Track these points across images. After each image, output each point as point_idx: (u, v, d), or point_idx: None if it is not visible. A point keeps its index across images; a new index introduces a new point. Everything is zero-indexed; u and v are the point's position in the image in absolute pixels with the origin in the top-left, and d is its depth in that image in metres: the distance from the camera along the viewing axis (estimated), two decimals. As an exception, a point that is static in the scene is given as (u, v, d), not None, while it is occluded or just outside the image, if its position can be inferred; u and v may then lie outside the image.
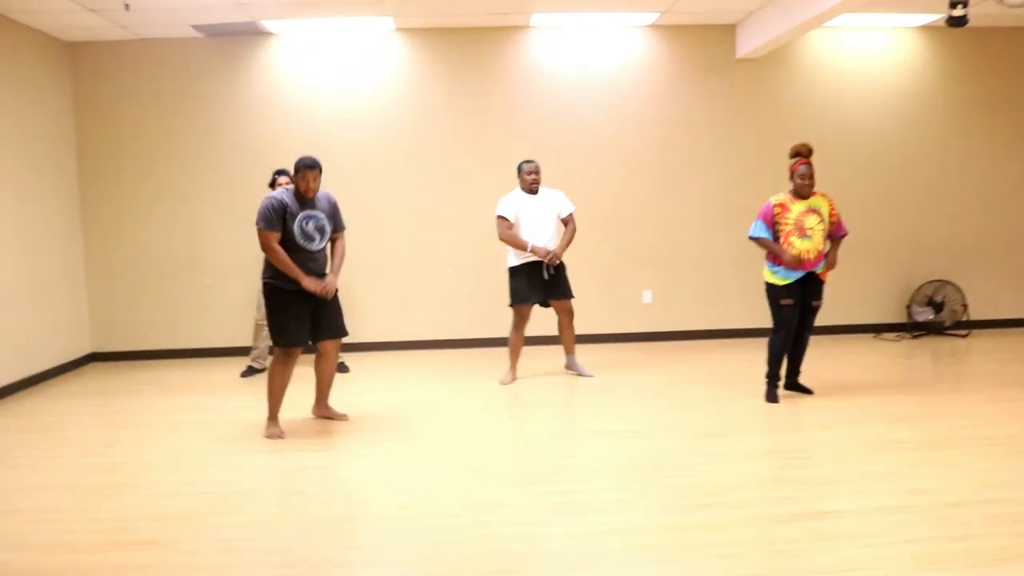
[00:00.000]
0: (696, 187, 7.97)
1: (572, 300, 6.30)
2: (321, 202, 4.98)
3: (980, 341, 7.71)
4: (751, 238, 5.56)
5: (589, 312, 7.67)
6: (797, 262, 5.32)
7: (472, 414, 5.39)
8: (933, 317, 8.00)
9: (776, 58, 7.87)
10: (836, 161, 7.85)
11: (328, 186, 5.27)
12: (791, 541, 3.19)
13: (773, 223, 5.42)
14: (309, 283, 4.79)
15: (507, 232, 6.16)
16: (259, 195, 7.36)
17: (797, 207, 5.38)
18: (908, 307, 8.12)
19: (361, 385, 6.34)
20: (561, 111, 7.79)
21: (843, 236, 5.52)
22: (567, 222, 6.31)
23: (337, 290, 5.05)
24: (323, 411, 5.31)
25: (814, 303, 5.51)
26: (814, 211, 5.36)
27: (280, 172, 6.47)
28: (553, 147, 7.72)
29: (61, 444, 4.93)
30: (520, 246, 6.12)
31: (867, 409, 5.21)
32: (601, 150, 7.82)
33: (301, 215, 4.84)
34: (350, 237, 5.37)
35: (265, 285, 4.93)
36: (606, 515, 3.54)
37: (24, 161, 6.69)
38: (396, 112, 7.70)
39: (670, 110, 7.89)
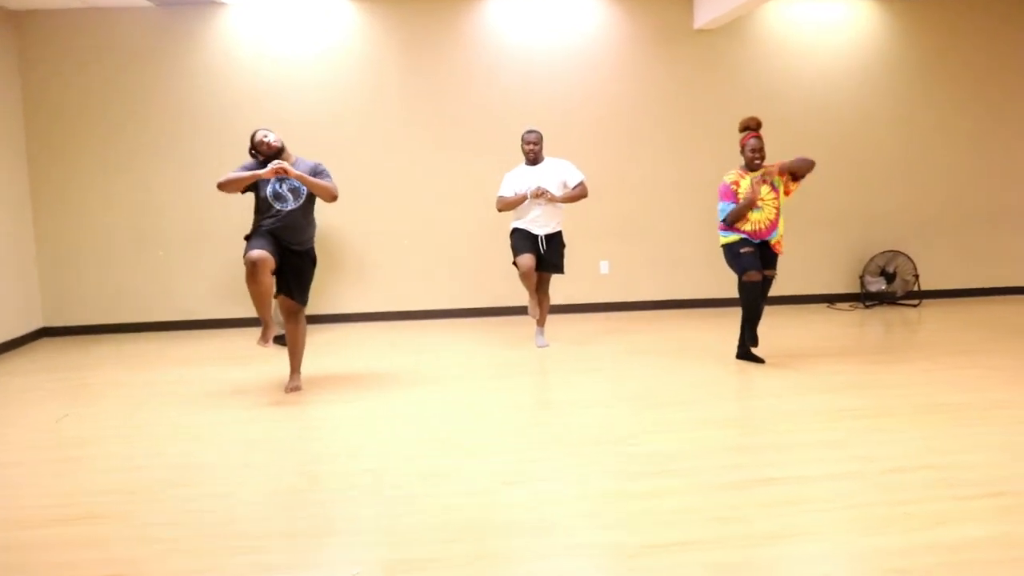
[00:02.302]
0: (653, 157, 8.01)
1: (556, 276, 6.40)
2: (300, 166, 5.08)
3: (930, 311, 7.87)
4: (723, 223, 5.59)
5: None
6: (751, 204, 5.42)
7: (434, 385, 5.41)
8: (885, 287, 8.16)
9: (734, 29, 7.91)
10: (793, 133, 7.93)
11: (298, 154, 5.26)
12: (733, 507, 3.27)
13: (735, 198, 5.49)
14: (257, 172, 4.93)
15: (500, 201, 6.23)
16: (215, 165, 7.33)
17: (747, 181, 5.49)
18: (861, 277, 8.26)
19: (338, 357, 6.32)
20: (517, 82, 7.76)
21: (808, 164, 5.51)
22: (577, 189, 6.26)
23: (313, 263, 5.22)
24: (290, 382, 5.32)
25: (768, 273, 5.60)
26: (765, 181, 5.46)
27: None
28: (508, 118, 7.69)
29: (10, 421, 4.86)
30: (516, 201, 6.15)
31: (820, 378, 5.31)
32: (556, 120, 7.81)
33: (273, 179, 4.95)
34: (320, 208, 5.38)
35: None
36: (553, 484, 3.59)
37: None
38: (353, 81, 7.61)
39: (627, 81, 7.90)
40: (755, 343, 5.74)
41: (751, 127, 5.48)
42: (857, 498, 3.34)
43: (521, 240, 6.21)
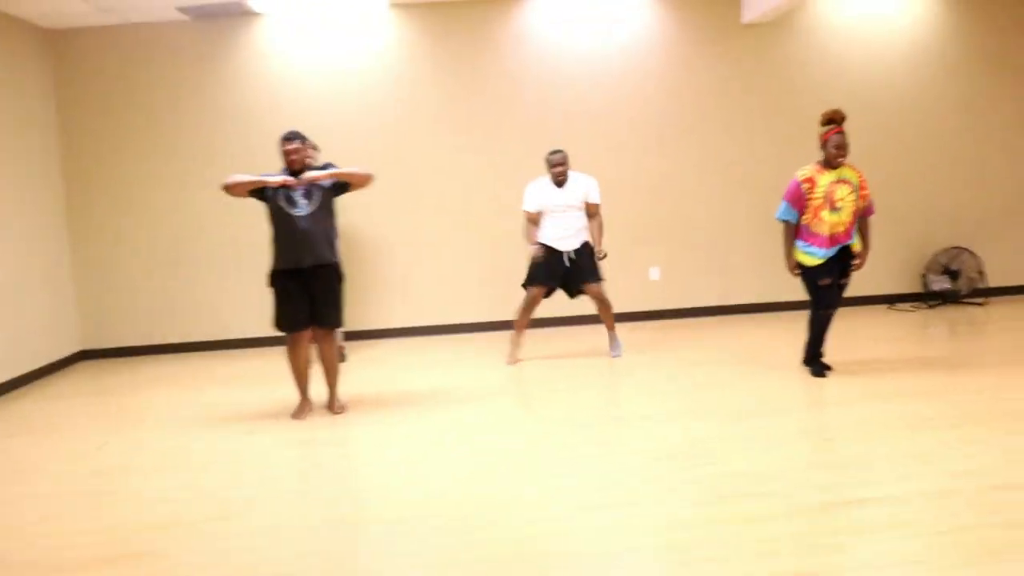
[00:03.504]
0: (702, 158, 7.71)
1: (601, 284, 6.10)
2: (311, 168, 4.90)
3: (998, 309, 7.47)
4: (779, 220, 5.27)
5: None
6: (795, 271, 5.22)
7: (484, 401, 5.16)
8: (949, 286, 7.77)
9: (783, 22, 7.59)
10: (847, 127, 7.59)
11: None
12: (832, 533, 2.97)
13: (802, 201, 5.11)
14: (270, 179, 4.75)
15: (527, 228, 6.11)
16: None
17: (826, 178, 5.06)
18: (923, 276, 7.89)
19: (365, 375, 6.11)
20: (562, 84, 7.51)
21: (870, 215, 5.25)
22: (592, 213, 6.09)
23: (340, 279, 4.97)
24: (331, 404, 5.12)
25: (842, 281, 5.25)
26: (844, 181, 5.06)
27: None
28: (554, 121, 7.46)
29: (49, 449, 4.69)
30: (531, 238, 6.08)
31: (891, 384, 4.98)
32: (604, 123, 7.55)
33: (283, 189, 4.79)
34: (349, 220, 5.15)
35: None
36: (633, 509, 3.31)
37: (5, 154, 6.42)
38: (392, 91, 7.41)
39: (675, 80, 7.61)
40: (822, 352, 5.42)
41: (836, 120, 5.03)
42: (961, 519, 3.03)
43: (539, 269, 6.02)
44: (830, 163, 5.08)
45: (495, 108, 7.47)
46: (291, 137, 4.75)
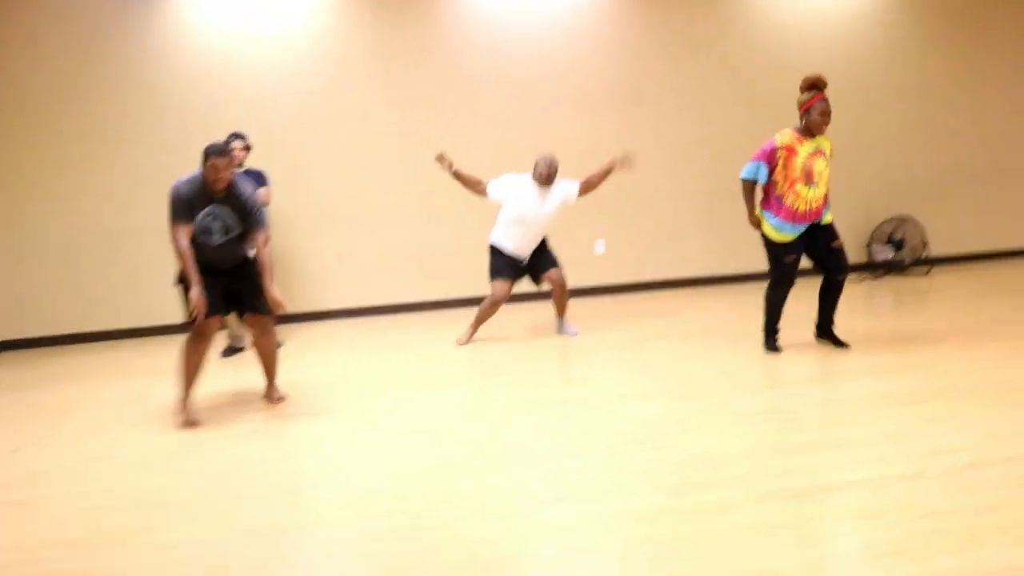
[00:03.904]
0: (651, 121, 7.52)
1: (560, 269, 5.92)
2: (235, 197, 4.33)
3: (943, 278, 7.50)
4: (743, 180, 4.95)
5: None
6: (756, 224, 4.94)
7: (435, 387, 4.91)
8: (894, 256, 7.76)
9: (728, -13, 7.44)
10: (790, 92, 7.49)
11: (259, 139, 4.66)
12: (806, 521, 2.81)
13: (773, 166, 4.83)
14: (195, 293, 4.19)
15: (482, 188, 5.79)
16: (179, 161, 6.77)
17: (805, 148, 4.78)
18: (868, 246, 7.87)
19: (304, 360, 5.80)
20: (504, 50, 7.23)
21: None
22: (584, 190, 5.91)
23: (258, 270, 4.48)
24: (269, 394, 4.80)
25: (835, 244, 4.95)
26: (820, 152, 4.81)
27: (235, 136, 5.88)
28: (497, 89, 7.18)
29: (-42, 453, 4.29)
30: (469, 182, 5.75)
31: (848, 361, 4.88)
32: (547, 86, 7.31)
33: (206, 210, 4.26)
34: (283, 195, 4.81)
35: None
36: (598, 503, 3.11)
37: None
38: (325, 59, 7.04)
39: (620, 43, 7.39)
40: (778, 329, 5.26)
41: (819, 86, 4.74)
42: (938, 504, 2.90)
43: (503, 262, 5.85)
44: (811, 131, 4.79)
45: (436, 77, 7.17)
46: (222, 152, 4.17)
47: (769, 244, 5.00)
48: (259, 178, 5.95)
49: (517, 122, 7.20)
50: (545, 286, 6.74)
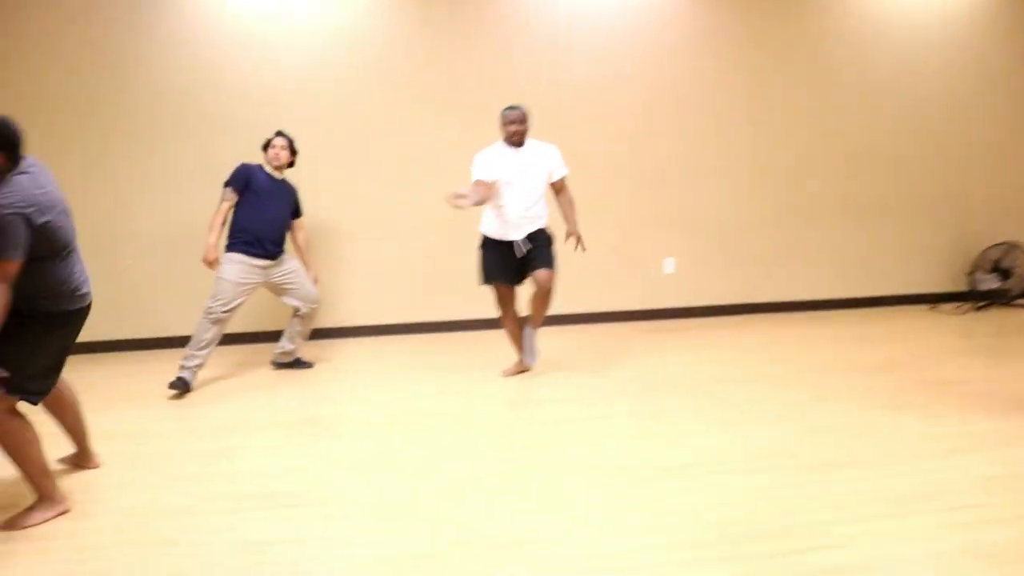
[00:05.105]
0: (730, 135, 6.66)
1: (551, 272, 4.80)
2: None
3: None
4: None
5: (595, 285, 6.44)
6: None
7: (472, 426, 4.07)
8: (999, 285, 6.85)
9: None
10: (884, 108, 6.64)
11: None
12: None
13: None
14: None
15: (477, 192, 4.71)
16: (195, 157, 5.97)
17: None
18: (970, 274, 6.96)
19: (329, 386, 4.97)
20: (564, 41, 6.40)
21: None
22: (559, 189, 4.94)
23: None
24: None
25: None
26: None
27: (279, 134, 5.16)
28: (553, 86, 6.35)
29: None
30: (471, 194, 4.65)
31: (965, 426, 3.99)
32: (612, 89, 6.47)
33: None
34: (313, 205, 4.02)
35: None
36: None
37: None
38: (369, 54, 6.23)
39: (697, 42, 6.54)
40: None
41: None
42: None
43: (491, 260, 4.91)
44: None
45: (484, 80, 6.33)
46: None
47: None
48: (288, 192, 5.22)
49: (574, 123, 6.37)
50: (584, 302, 5.85)
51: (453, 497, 3.19)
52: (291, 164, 5.22)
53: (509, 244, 4.84)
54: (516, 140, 4.76)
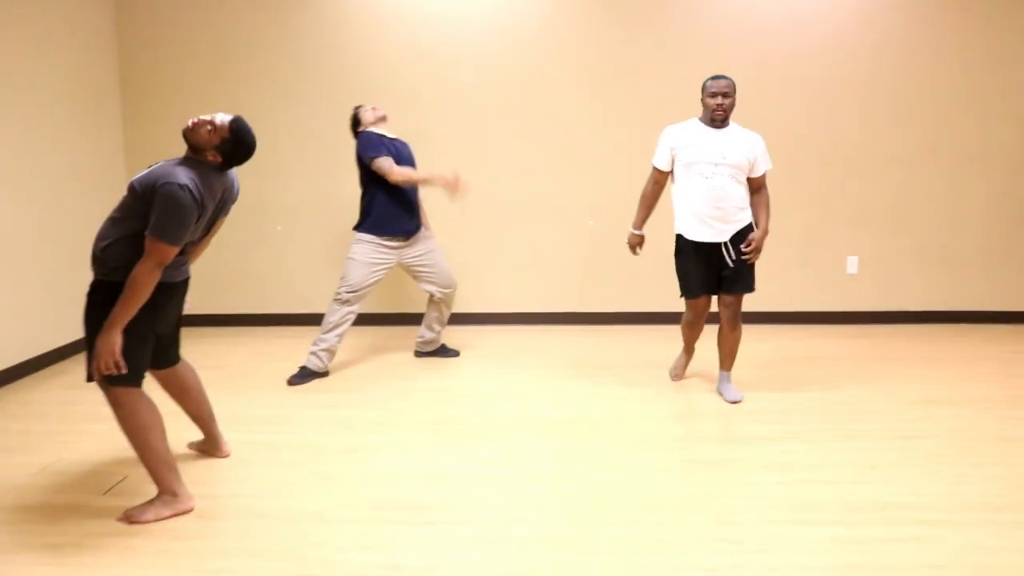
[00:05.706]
0: (928, 118, 5.85)
1: (740, 298, 4.19)
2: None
3: None
4: None
5: (772, 283, 5.78)
6: None
7: (637, 439, 3.61)
8: None
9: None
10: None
11: (435, 119, 3.55)
12: None
13: None
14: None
15: (643, 196, 4.29)
16: (336, 126, 5.69)
17: None
18: None
19: (475, 380, 4.63)
20: (745, 18, 5.78)
21: None
22: (758, 186, 4.16)
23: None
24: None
25: None
26: None
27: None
28: (731, 60, 5.73)
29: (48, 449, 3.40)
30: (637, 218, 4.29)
31: None
32: (792, 64, 5.79)
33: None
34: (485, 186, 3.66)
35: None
36: None
37: (65, 91, 5.31)
38: (543, 36, 5.82)
39: (908, 34, 5.76)
40: None
41: None
42: None
43: (688, 266, 4.19)
44: None
45: (658, 64, 5.79)
46: None
47: None
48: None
49: (750, 100, 5.72)
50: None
51: (616, 525, 2.76)
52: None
53: (707, 246, 4.13)
54: (719, 116, 4.01)
